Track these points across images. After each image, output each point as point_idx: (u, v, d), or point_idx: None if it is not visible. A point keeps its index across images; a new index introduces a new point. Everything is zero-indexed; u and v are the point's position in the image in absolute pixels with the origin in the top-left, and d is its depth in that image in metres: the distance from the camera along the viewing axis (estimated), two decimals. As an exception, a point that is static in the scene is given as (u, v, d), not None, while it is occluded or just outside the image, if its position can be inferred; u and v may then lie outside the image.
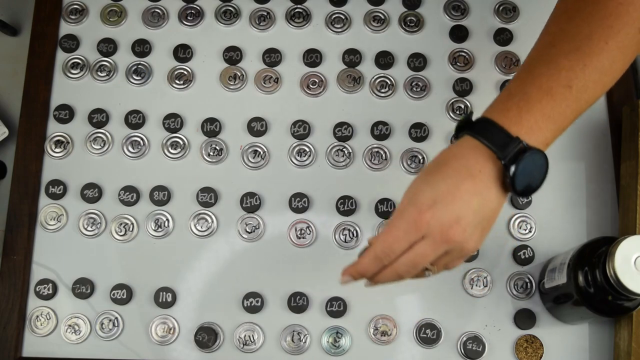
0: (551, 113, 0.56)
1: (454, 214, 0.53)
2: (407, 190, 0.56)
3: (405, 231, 0.53)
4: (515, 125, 0.55)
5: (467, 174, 0.54)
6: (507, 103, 0.56)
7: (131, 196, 0.75)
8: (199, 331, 0.71)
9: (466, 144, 0.55)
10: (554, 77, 0.56)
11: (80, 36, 0.82)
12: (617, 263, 0.59)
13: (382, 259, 0.55)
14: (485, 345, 0.71)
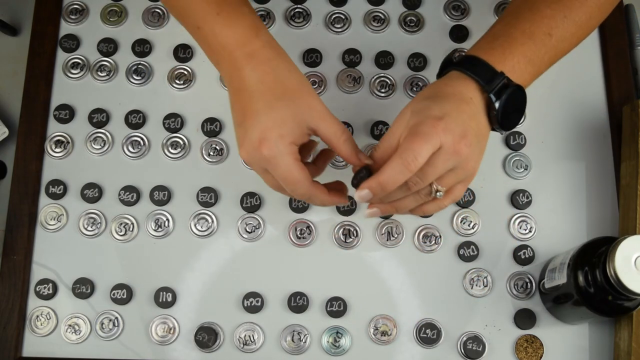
0: (532, 56, 0.61)
1: (462, 128, 0.56)
2: (403, 113, 0.58)
3: (427, 140, 0.55)
4: (500, 63, 0.59)
5: (462, 99, 0.58)
6: (493, 43, 0.61)
7: (131, 196, 0.76)
8: (199, 331, 0.71)
9: (455, 77, 0.60)
10: (536, 24, 0.61)
11: (80, 36, 0.82)
12: (618, 263, 0.59)
13: (408, 167, 0.55)
14: (485, 345, 0.71)
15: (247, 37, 0.60)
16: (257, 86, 0.58)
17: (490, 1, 0.84)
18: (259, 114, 0.58)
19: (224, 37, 0.59)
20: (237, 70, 0.59)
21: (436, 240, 0.75)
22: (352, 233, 0.75)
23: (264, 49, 0.60)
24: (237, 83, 0.59)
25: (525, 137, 0.78)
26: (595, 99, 0.81)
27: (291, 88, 0.59)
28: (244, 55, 0.59)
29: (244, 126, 0.58)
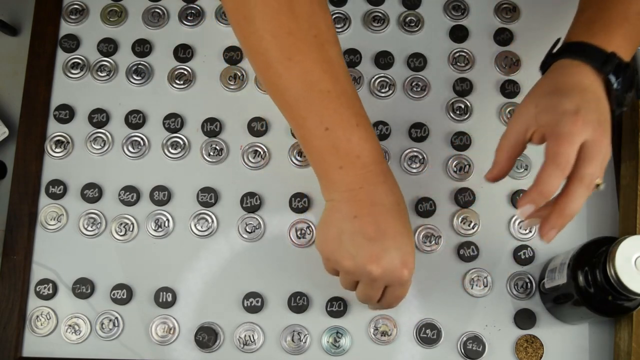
0: (630, 37, 0.63)
1: (596, 116, 0.57)
2: (524, 108, 0.60)
3: (572, 140, 0.56)
4: (606, 45, 0.60)
5: (584, 87, 0.59)
6: (591, 28, 0.62)
7: (131, 196, 0.75)
8: (199, 331, 0.71)
9: (567, 66, 0.61)
10: (626, 4, 0.62)
11: (80, 36, 0.82)
12: (618, 263, 0.59)
13: (564, 171, 0.56)
14: (485, 345, 0.71)
15: (381, 156, 0.61)
16: (395, 207, 0.60)
17: (490, 1, 0.84)
18: (402, 236, 0.60)
19: (361, 149, 0.59)
20: (373, 184, 0.59)
21: (436, 240, 0.75)
22: (352, 233, 0.75)
23: (390, 172, 0.62)
24: (371, 196, 0.59)
25: (525, 137, 0.78)
26: (595, 99, 0.81)
27: (408, 217, 0.62)
28: (380, 172, 0.60)
29: (383, 243, 0.58)
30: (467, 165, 0.77)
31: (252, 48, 0.59)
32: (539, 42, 0.83)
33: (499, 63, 0.82)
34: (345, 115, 0.59)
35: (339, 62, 0.59)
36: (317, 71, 0.58)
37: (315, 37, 0.57)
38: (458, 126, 0.79)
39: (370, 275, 0.59)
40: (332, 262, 0.62)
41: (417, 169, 0.77)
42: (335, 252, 0.60)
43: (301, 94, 0.58)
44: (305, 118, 0.59)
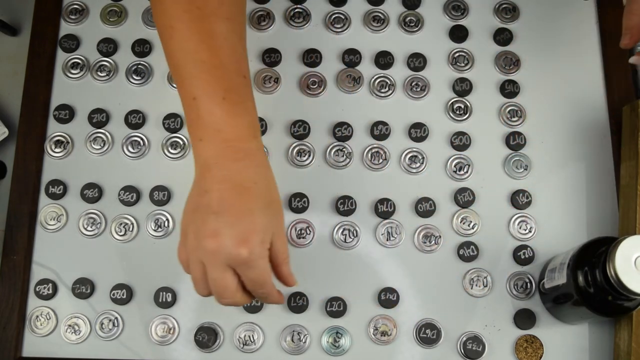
0: None
1: None
2: None
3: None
4: None
5: None
6: None
7: (131, 196, 0.76)
8: (199, 331, 0.71)
9: None
10: None
11: (80, 36, 0.82)
12: (618, 263, 0.59)
13: None
14: (485, 345, 0.71)
15: (246, 134, 0.60)
16: (251, 185, 0.58)
17: (490, 1, 0.84)
18: (250, 213, 0.57)
19: (223, 123, 0.58)
20: (230, 160, 0.58)
21: (436, 240, 0.75)
22: (352, 233, 0.75)
23: (259, 151, 0.60)
24: (226, 172, 0.58)
25: (525, 137, 0.79)
26: (595, 99, 0.81)
27: (276, 199, 0.61)
28: (240, 149, 0.59)
29: (226, 218, 0.56)
30: (467, 165, 0.77)
31: (153, 13, 0.63)
32: (539, 42, 0.83)
33: (498, 63, 0.82)
34: (214, 88, 0.59)
35: (224, 36, 0.60)
36: (194, 41, 0.59)
37: (199, 9, 0.59)
38: (458, 126, 0.79)
39: (206, 251, 0.56)
40: (182, 238, 0.60)
41: (417, 169, 0.77)
42: (187, 226, 0.59)
43: (179, 62, 0.60)
44: (180, 85, 0.60)
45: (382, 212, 0.75)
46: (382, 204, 0.75)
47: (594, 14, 0.84)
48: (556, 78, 0.81)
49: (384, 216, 0.75)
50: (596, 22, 0.84)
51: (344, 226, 0.75)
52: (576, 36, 0.83)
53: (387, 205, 0.75)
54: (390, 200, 0.75)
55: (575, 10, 0.84)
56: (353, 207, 0.75)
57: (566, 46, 0.83)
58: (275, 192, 0.61)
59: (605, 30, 0.83)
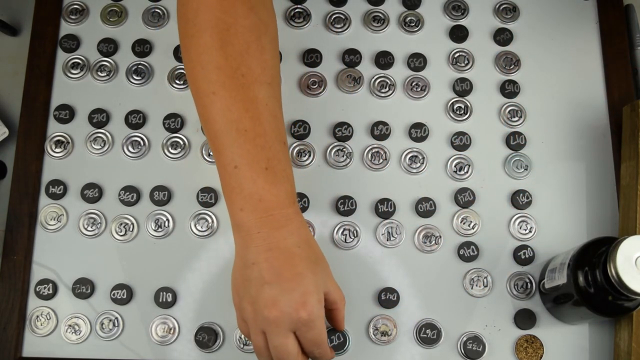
0: None
1: None
2: None
3: None
4: None
5: None
6: None
7: (131, 196, 0.75)
8: (199, 331, 0.71)
9: None
10: None
11: (80, 36, 0.82)
12: (619, 263, 0.59)
13: None
14: (485, 345, 0.71)
15: (287, 201, 0.60)
16: (296, 249, 0.59)
17: (490, 1, 0.84)
18: (302, 276, 0.58)
19: (265, 192, 0.59)
20: (272, 229, 0.59)
21: (436, 240, 0.75)
22: (353, 233, 0.75)
23: (298, 215, 0.61)
24: (269, 242, 0.59)
25: (525, 137, 0.79)
26: (595, 99, 0.81)
27: (320, 256, 0.62)
28: (281, 216, 0.59)
29: (281, 286, 0.58)
30: (467, 165, 0.77)
31: (187, 75, 0.61)
32: (539, 42, 0.83)
33: (499, 63, 0.82)
34: (256, 157, 0.59)
35: (266, 103, 0.60)
36: (237, 109, 0.58)
37: (243, 76, 0.59)
38: (458, 126, 0.79)
39: (269, 320, 0.57)
40: (239, 312, 0.61)
41: (418, 169, 0.77)
42: (241, 299, 0.60)
43: (220, 129, 0.59)
44: (220, 153, 0.60)
45: (383, 212, 0.75)
46: (383, 204, 0.75)
47: (594, 14, 0.84)
48: (556, 78, 0.81)
49: (384, 216, 0.75)
50: (596, 22, 0.84)
51: (344, 226, 0.75)
52: (576, 36, 0.83)
53: (388, 205, 0.75)
54: (390, 200, 0.75)
55: (575, 10, 0.84)
56: (353, 207, 0.75)
57: (566, 46, 0.83)
58: (318, 250, 0.62)
59: (605, 30, 0.83)
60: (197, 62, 0.59)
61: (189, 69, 0.61)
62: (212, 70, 0.59)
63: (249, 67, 0.59)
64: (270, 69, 0.61)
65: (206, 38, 0.59)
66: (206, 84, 0.59)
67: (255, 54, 0.60)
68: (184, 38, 0.61)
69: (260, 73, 0.60)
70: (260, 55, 0.60)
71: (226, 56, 0.59)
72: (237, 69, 0.59)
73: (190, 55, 0.60)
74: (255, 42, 0.60)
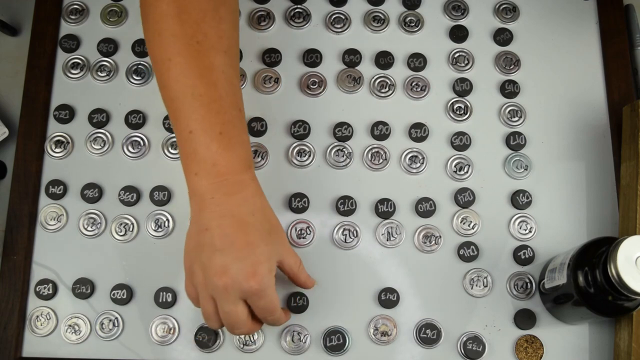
0: None
1: None
2: None
3: None
4: None
5: None
6: None
7: (131, 196, 0.75)
8: (199, 331, 0.71)
9: None
10: None
11: (80, 36, 0.82)
12: (619, 263, 0.59)
13: None
14: (485, 345, 0.71)
15: (241, 166, 0.60)
16: (250, 218, 0.59)
17: (490, 1, 0.84)
18: (254, 246, 0.58)
19: (219, 157, 0.59)
20: (226, 194, 0.59)
21: (436, 240, 0.75)
22: (352, 233, 0.75)
23: (253, 181, 0.61)
24: (222, 207, 0.59)
25: (525, 137, 0.79)
26: (595, 99, 0.81)
27: (275, 224, 0.62)
28: (235, 182, 0.59)
29: (232, 254, 0.58)
30: (467, 166, 0.77)
31: (146, 43, 0.62)
32: (539, 42, 0.83)
33: (499, 63, 0.82)
34: (211, 122, 0.59)
35: (222, 70, 0.60)
36: (192, 75, 0.59)
37: (199, 44, 0.59)
38: (458, 126, 0.79)
39: (218, 287, 0.58)
40: (189, 276, 0.61)
41: (417, 169, 0.77)
42: (192, 264, 0.60)
43: (176, 95, 0.59)
44: (176, 119, 0.60)
45: (382, 212, 0.75)
46: (382, 204, 0.75)
47: (594, 14, 0.84)
48: (556, 78, 0.81)
49: (384, 216, 0.75)
50: (596, 22, 0.84)
51: (344, 226, 0.75)
52: (576, 36, 0.83)
53: (387, 206, 0.75)
54: (390, 200, 0.75)
55: (575, 10, 0.84)
56: (353, 207, 0.75)
57: (566, 46, 0.83)
58: (273, 219, 0.62)
59: (605, 30, 0.83)
60: (154, 30, 0.60)
61: (147, 37, 0.62)
62: (168, 37, 0.59)
63: (205, 35, 0.59)
64: (227, 39, 0.61)
65: (163, 6, 0.59)
66: (162, 51, 0.60)
67: (211, 22, 0.60)
68: (143, 6, 0.62)
69: (217, 41, 0.60)
70: (217, 24, 0.60)
71: (182, 23, 0.59)
72: (192, 36, 0.59)
73: (149, 23, 0.61)
74: (212, 11, 0.60)
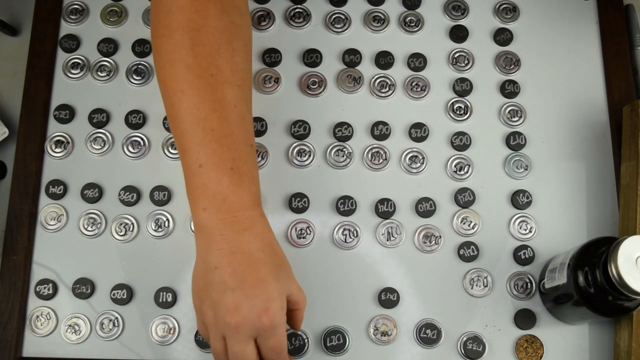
0: None
1: None
2: None
3: None
4: None
5: None
6: None
7: (131, 196, 0.75)
8: (199, 331, 0.71)
9: None
10: None
11: (80, 36, 0.82)
12: (620, 263, 0.59)
13: None
14: (485, 345, 0.71)
15: (251, 203, 0.60)
16: (260, 254, 0.58)
17: (490, 1, 0.84)
18: (266, 283, 0.57)
19: (229, 193, 0.58)
20: (234, 231, 0.58)
21: (436, 240, 0.75)
22: (352, 233, 0.75)
23: (262, 218, 0.60)
24: (233, 244, 0.58)
25: (525, 137, 0.79)
26: (595, 99, 0.81)
27: (283, 260, 0.61)
28: (245, 219, 0.59)
29: (244, 292, 0.57)
30: (467, 166, 0.77)
31: (157, 74, 0.62)
32: (539, 42, 0.83)
33: (499, 63, 0.82)
34: (222, 157, 0.58)
35: (235, 105, 0.60)
36: (205, 108, 0.58)
37: (212, 77, 0.59)
38: (458, 126, 0.79)
39: (230, 326, 0.57)
40: (200, 315, 0.61)
41: (418, 169, 0.77)
42: (202, 303, 0.60)
43: (187, 128, 0.59)
44: (186, 152, 0.59)
45: (383, 212, 0.75)
46: (383, 204, 0.75)
47: (594, 14, 0.84)
48: (556, 78, 0.81)
49: (384, 216, 0.75)
50: (596, 22, 0.84)
51: (344, 226, 0.75)
52: (576, 36, 0.83)
53: (388, 205, 0.75)
54: (390, 200, 0.75)
55: (575, 10, 0.84)
56: (353, 207, 0.75)
57: (566, 46, 0.83)
58: (281, 254, 0.62)
59: (605, 30, 0.83)
60: (167, 61, 0.60)
61: (158, 68, 0.61)
62: (181, 69, 0.59)
63: (219, 68, 0.59)
64: (240, 72, 0.61)
65: (177, 37, 0.59)
66: (175, 82, 0.59)
67: (225, 55, 0.60)
68: (155, 38, 0.61)
69: (230, 75, 0.60)
70: (231, 57, 0.60)
71: (196, 56, 0.59)
72: (206, 69, 0.59)
73: (161, 54, 0.60)
74: (226, 44, 0.60)
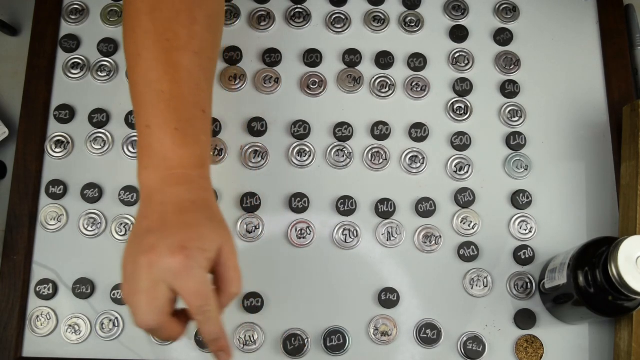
0: None
1: None
2: None
3: None
4: None
5: None
6: None
7: (131, 196, 0.75)
8: (199, 331, 0.71)
9: None
10: None
11: (80, 36, 0.82)
12: (620, 263, 0.59)
13: None
14: (485, 345, 0.71)
15: (192, 163, 0.59)
16: (189, 205, 0.56)
17: (490, 1, 0.84)
18: (188, 225, 0.54)
19: (170, 152, 0.58)
20: (170, 185, 0.57)
21: (436, 240, 0.75)
22: (352, 233, 0.75)
23: (202, 179, 0.60)
24: (164, 196, 0.56)
25: (525, 137, 0.79)
26: (595, 99, 0.81)
27: (218, 216, 0.58)
28: (182, 175, 0.58)
29: (161, 233, 0.53)
30: (467, 166, 0.77)
31: (122, 40, 0.64)
32: (539, 42, 0.83)
33: (499, 63, 0.82)
34: (168, 118, 0.58)
35: (188, 69, 0.60)
36: (157, 71, 0.59)
37: (168, 41, 0.59)
38: (458, 126, 0.79)
39: (141, 266, 0.52)
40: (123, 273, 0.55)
41: (418, 169, 0.77)
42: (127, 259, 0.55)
43: (141, 89, 0.60)
44: (137, 113, 0.60)
45: (383, 212, 0.75)
46: (383, 204, 0.75)
47: (594, 14, 0.84)
48: (556, 78, 0.81)
49: (384, 216, 0.75)
50: (596, 22, 0.84)
51: (344, 226, 0.75)
52: (576, 36, 0.83)
53: (388, 206, 0.75)
54: (390, 200, 0.75)
55: (575, 10, 0.84)
56: (353, 207, 0.75)
57: (566, 46, 0.83)
58: (217, 211, 0.59)
59: (605, 30, 0.83)
60: (128, 27, 0.61)
61: (123, 33, 0.63)
62: (140, 33, 0.60)
63: (175, 34, 0.60)
64: (199, 40, 0.61)
65: (138, 3, 0.61)
66: (133, 46, 0.61)
67: (184, 22, 0.61)
68: (124, 4, 0.64)
69: (187, 41, 0.60)
70: (190, 24, 0.61)
71: (154, 21, 0.60)
72: (162, 34, 0.60)
73: (125, 19, 0.62)
74: (186, 12, 0.61)
